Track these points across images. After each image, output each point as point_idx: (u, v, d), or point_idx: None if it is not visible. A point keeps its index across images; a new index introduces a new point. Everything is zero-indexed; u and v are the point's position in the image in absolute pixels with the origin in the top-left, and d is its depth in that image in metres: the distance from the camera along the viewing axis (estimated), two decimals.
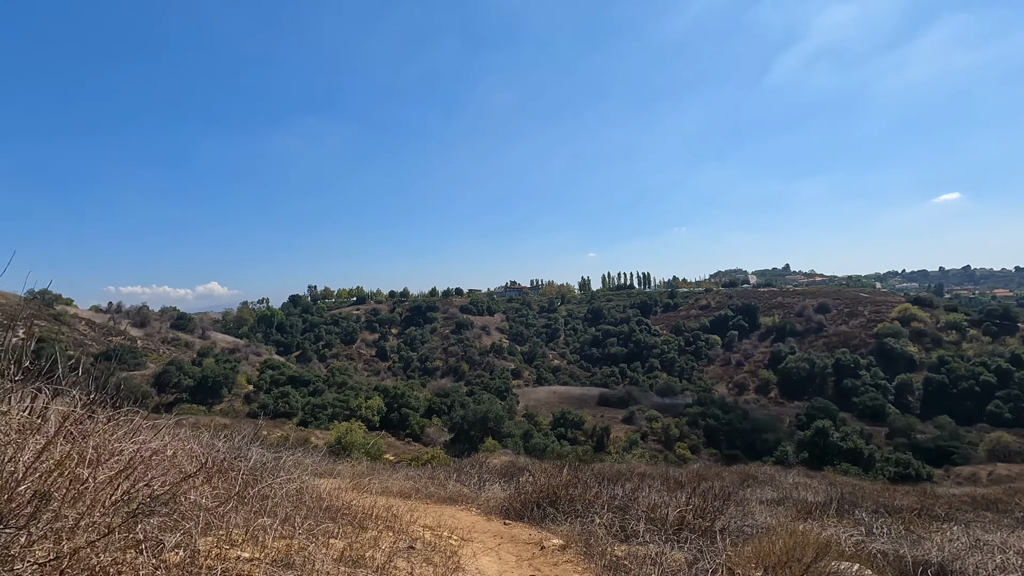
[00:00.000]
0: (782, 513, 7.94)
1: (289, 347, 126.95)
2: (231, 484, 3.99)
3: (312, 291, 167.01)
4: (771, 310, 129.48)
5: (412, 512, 5.79)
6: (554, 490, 7.13)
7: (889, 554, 5.33)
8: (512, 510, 7.34)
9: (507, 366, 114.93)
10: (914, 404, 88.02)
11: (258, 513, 3.71)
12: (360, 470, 10.12)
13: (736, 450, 63.16)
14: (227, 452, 4.58)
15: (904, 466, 36.27)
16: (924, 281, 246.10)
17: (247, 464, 4.71)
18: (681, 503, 6.16)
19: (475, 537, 5.85)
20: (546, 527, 6.49)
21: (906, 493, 16.55)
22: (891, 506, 11.61)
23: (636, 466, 27.18)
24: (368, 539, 4.13)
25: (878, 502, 11.51)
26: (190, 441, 4.49)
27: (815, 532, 5.01)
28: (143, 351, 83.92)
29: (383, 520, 4.98)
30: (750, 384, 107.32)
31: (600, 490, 7.07)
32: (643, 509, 6.19)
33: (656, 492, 7.00)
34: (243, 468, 4.42)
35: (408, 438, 58.57)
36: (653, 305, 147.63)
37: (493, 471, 11.65)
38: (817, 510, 8.58)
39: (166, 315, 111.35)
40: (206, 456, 4.09)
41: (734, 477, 17.35)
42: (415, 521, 5.38)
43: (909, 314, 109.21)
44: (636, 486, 7.52)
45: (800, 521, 6.68)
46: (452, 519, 6.65)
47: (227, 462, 4.30)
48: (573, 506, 6.84)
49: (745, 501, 8.41)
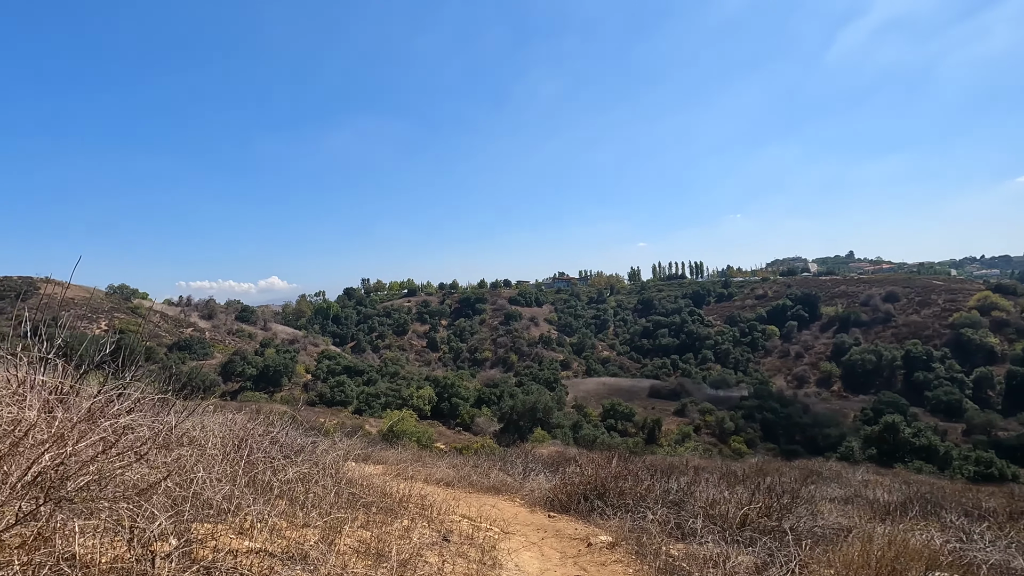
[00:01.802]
0: (855, 513, 7.18)
1: (344, 338, 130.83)
2: (252, 467, 3.80)
3: (365, 284, 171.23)
4: (833, 299, 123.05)
5: (452, 501, 5.50)
6: (602, 482, 6.66)
7: (999, 566, 4.59)
8: (557, 502, 6.89)
9: (556, 357, 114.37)
10: (995, 399, 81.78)
11: (280, 499, 3.49)
12: (405, 456, 10.00)
13: (795, 445, 60.63)
14: (247, 433, 4.40)
15: (986, 465, 33.49)
16: (1007, 267, 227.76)
17: (276, 447, 4.52)
18: (743, 499, 5.58)
19: (516, 530, 5.47)
20: (593, 521, 6.05)
21: (991, 494, 15.12)
22: (977, 508, 10.53)
23: (690, 459, 26.27)
24: (398, 529, 3.86)
25: (961, 503, 10.42)
26: (218, 423, 4.37)
27: (915, 539, 4.33)
28: (211, 342, 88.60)
29: (419, 508, 4.70)
30: (810, 377, 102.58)
31: (653, 483, 6.55)
32: (701, 505, 5.63)
33: (714, 486, 6.42)
34: (271, 451, 4.23)
35: (458, 427, 59.26)
36: (706, 295, 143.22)
37: (539, 461, 11.31)
38: (896, 511, 7.72)
39: (231, 308, 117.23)
40: (226, 436, 3.92)
41: (796, 473, 16.34)
42: (454, 510, 5.08)
43: (990, 303, 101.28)
44: (692, 479, 6.94)
45: (877, 522, 5.97)
46: (494, 509, 6.30)
47: (250, 442, 4.12)
48: (623, 500, 6.36)
49: (812, 499, 7.68)
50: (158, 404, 3.94)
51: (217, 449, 3.67)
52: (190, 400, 4.09)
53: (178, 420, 3.54)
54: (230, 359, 74.35)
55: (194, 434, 3.78)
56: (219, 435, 4.01)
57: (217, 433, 4.05)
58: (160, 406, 3.89)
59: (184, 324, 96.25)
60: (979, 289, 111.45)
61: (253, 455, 3.85)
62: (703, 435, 65.74)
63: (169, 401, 4.06)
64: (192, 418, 3.99)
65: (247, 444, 3.92)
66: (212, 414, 5.07)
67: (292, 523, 3.13)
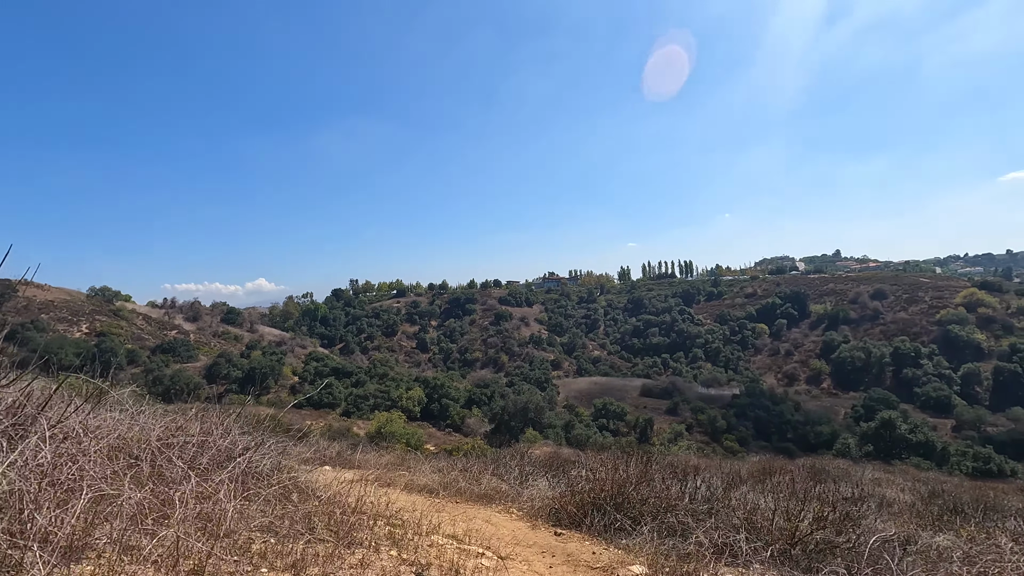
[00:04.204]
0: (905, 520, 6.36)
1: (332, 340, 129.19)
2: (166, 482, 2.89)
3: (354, 285, 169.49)
4: (822, 297, 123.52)
5: (436, 514, 4.50)
6: (620, 488, 5.44)
7: None
8: (564, 514, 5.67)
9: (546, 357, 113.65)
10: (982, 395, 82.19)
11: (196, 520, 2.60)
12: (387, 460, 9.04)
13: (788, 443, 60.38)
14: (167, 434, 3.48)
15: (984, 461, 33.12)
16: (990, 265, 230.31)
17: (208, 453, 3.56)
18: (791, 508, 4.63)
19: (517, 554, 4.34)
20: (614, 540, 4.90)
21: (1007, 493, 14.46)
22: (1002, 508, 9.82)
23: (687, 458, 25.46)
24: (350, 565, 2.90)
25: (1002, 506, 9.68)
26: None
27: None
28: (195, 344, 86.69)
29: (390, 527, 3.69)
30: (800, 374, 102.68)
31: (682, 488, 5.57)
32: (741, 515, 4.68)
33: (753, 492, 5.50)
34: (197, 457, 3.30)
35: (448, 428, 58.33)
36: (696, 294, 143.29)
37: (536, 463, 10.36)
38: (952, 514, 6.87)
39: (216, 310, 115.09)
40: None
41: (802, 472, 15.58)
42: (436, 528, 4.06)
43: (976, 299, 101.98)
44: (728, 483, 5.99)
45: (934, 531, 5.13)
46: (487, 524, 5.17)
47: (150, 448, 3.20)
48: (646, 509, 5.24)
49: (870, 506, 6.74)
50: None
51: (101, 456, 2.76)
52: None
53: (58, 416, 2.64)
54: (215, 361, 72.68)
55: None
56: (112, 437, 3.07)
57: (109, 435, 3.11)
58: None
59: (168, 326, 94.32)
60: (965, 286, 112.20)
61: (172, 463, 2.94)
62: (695, 434, 65.27)
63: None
64: (77, 415, 3.07)
65: (147, 450, 3.02)
66: (110, 410, 4.09)
67: (200, 555, 2.23)
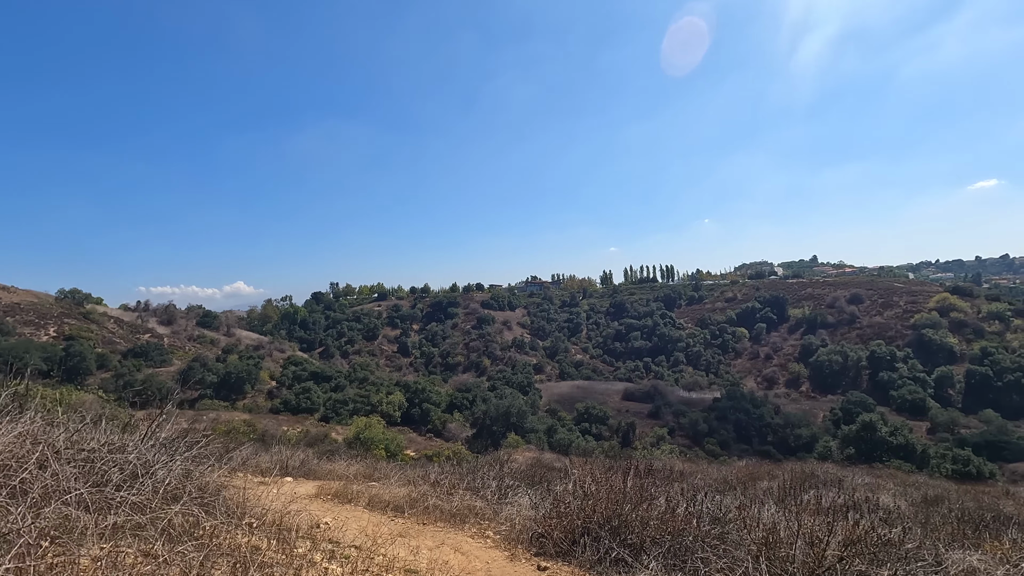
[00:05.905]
0: (926, 534, 5.80)
1: (312, 344, 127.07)
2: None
3: (334, 288, 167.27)
4: (800, 302, 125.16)
5: (396, 540, 3.74)
6: (616, 509, 4.53)
7: None
8: (549, 540, 4.75)
9: (529, 361, 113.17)
10: (955, 398, 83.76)
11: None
12: (354, 470, 8.27)
13: (768, 446, 60.60)
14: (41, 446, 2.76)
15: (963, 463, 33.35)
16: (960, 271, 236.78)
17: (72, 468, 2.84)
18: (814, 530, 3.92)
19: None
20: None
21: (996, 496, 14.23)
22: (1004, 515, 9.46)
23: (671, 463, 24.96)
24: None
25: (987, 511, 9.31)
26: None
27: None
28: (169, 348, 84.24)
29: (328, 562, 2.91)
30: (780, 378, 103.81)
31: (689, 511, 4.66)
32: (756, 539, 3.93)
33: (761, 505, 4.82)
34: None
35: (429, 433, 57.34)
36: (677, 298, 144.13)
37: (517, 474, 9.59)
38: (961, 524, 6.34)
39: (192, 313, 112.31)
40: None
41: (790, 476, 15.20)
42: (392, 563, 3.22)
43: (948, 304, 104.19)
44: (742, 500, 5.27)
45: (958, 546, 4.60)
46: (456, 554, 4.26)
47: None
48: (648, 534, 4.41)
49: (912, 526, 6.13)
50: None
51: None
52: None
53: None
54: (189, 366, 70.56)
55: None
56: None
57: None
58: None
59: (141, 330, 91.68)
60: (937, 291, 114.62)
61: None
62: (677, 437, 65.18)
63: None
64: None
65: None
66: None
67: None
